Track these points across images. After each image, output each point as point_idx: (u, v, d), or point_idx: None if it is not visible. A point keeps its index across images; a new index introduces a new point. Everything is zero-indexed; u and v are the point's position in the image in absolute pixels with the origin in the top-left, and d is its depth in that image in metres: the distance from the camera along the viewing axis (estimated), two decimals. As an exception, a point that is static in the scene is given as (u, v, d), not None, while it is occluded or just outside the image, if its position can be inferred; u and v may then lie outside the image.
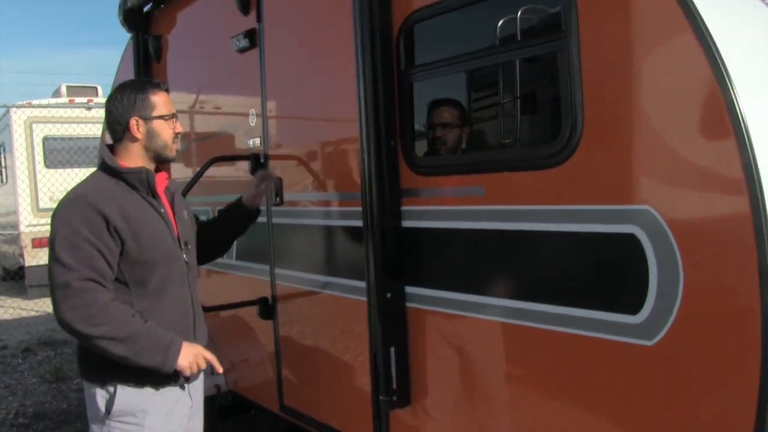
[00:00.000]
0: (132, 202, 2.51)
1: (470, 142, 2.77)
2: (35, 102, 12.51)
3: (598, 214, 2.14)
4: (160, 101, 2.61)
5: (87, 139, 12.43)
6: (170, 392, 2.58)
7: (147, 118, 2.57)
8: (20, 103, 12.34)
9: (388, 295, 2.75)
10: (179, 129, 2.68)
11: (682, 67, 1.92)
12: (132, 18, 4.91)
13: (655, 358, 2.01)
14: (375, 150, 2.72)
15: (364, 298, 2.91)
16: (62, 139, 12.28)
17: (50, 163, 12.39)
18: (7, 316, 11.16)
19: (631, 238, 2.03)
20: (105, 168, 2.58)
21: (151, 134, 2.58)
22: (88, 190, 2.50)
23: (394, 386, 2.78)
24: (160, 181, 2.66)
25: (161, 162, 2.68)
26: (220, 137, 4.25)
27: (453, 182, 2.62)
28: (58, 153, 12.33)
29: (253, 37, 3.67)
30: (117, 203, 2.46)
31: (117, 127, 2.59)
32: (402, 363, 2.79)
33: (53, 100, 12.83)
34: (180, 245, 2.64)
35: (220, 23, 4.18)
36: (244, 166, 3.80)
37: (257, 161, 3.61)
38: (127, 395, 2.49)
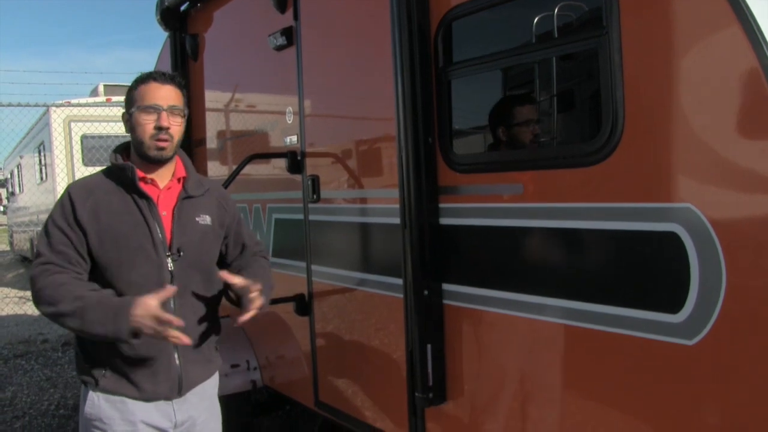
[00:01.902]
0: (113, 199, 2.42)
1: (508, 140, 2.76)
2: (74, 101, 12.74)
3: (639, 212, 2.12)
4: (147, 91, 2.41)
5: (124, 137, 12.58)
6: (142, 405, 2.44)
7: (130, 112, 2.45)
8: (59, 102, 12.56)
9: (426, 292, 2.76)
10: (163, 123, 2.40)
11: (727, 62, 1.89)
12: (169, 17, 4.98)
13: (696, 358, 1.99)
14: (413, 147, 2.73)
15: (401, 295, 2.92)
16: (100, 137, 12.47)
17: (88, 160, 12.59)
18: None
19: (673, 237, 2.01)
20: (109, 164, 2.53)
21: (133, 128, 2.45)
22: (78, 182, 2.50)
23: (430, 383, 2.79)
24: (164, 180, 2.51)
25: (147, 161, 2.46)
26: (257, 135, 4.29)
27: (491, 180, 2.62)
28: (95, 151, 12.52)
29: (290, 35, 3.69)
30: (94, 197, 2.40)
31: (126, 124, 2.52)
32: (438, 360, 2.79)
33: (91, 99, 13.05)
34: (169, 252, 2.43)
35: (256, 21, 4.22)
36: (280, 163, 3.84)
37: (294, 158, 3.64)
38: (100, 400, 2.43)
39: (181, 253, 2.44)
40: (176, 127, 2.46)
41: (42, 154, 13.98)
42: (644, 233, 2.11)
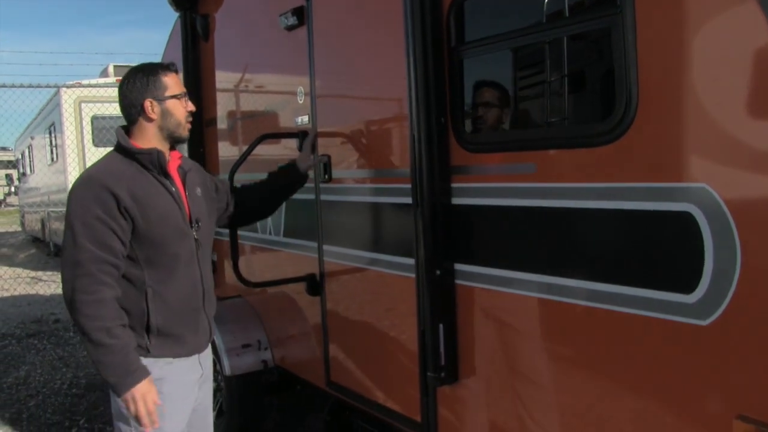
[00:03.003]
0: (142, 181, 2.63)
1: (521, 119, 2.74)
2: (84, 82, 12.74)
3: (653, 192, 2.10)
4: (171, 82, 2.72)
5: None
6: (183, 361, 2.75)
7: (160, 99, 2.69)
8: (70, 83, 12.57)
9: (438, 272, 2.76)
10: (191, 107, 2.80)
11: (743, 40, 1.86)
12: (180, -3, 4.97)
13: (710, 338, 1.98)
14: (425, 127, 2.72)
15: (412, 275, 2.93)
16: (110, 117, 12.50)
17: (98, 141, 12.64)
18: (60, 291, 11.47)
19: (687, 217, 2.00)
20: (119, 149, 2.71)
21: (165, 114, 2.70)
22: (101, 171, 2.64)
23: (443, 363, 2.79)
24: (173, 161, 2.78)
25: (175, 141, 2.80)
26: (268, 115, 4.28)
27: (504, 159, 2.61)
28: (106, 132, 12.57)
29: (301, 14, 3.67)
30: (127, 183, 2.58)
31: (132, 110, 2.70)
32: (450, 340, 2.80)
33: (101, 80, 13.06)
34: (191, 223, 2.75)
35: (267, 1, 4.20)
36: (291, 143, 3.84)
37: (306, 138, 3.64)
38: (149, 363, 2.61)
39: (199, 224, 2.79)
40: None
41: (53, 134, 14.01)
42: (658, 213, 2.09)
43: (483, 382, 2.78)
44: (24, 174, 21.09)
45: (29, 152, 18.95)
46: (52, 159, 14.48)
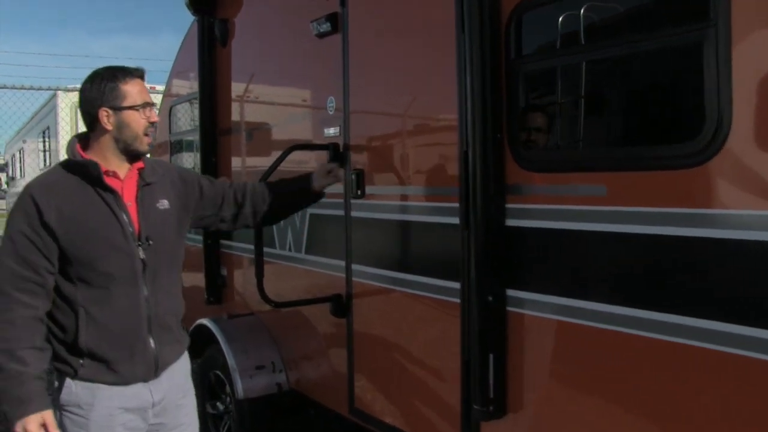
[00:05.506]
0: (78, 195, 2.46)
1: (589, 138, 2.57)
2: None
3: (746, 220, 1.94)
4: (132, 90, 2.50)
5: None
6: (119, 389, 2.52)
7: (117, 109, 2.48)
8: (69, 87, 12.34)
9: (490, 298, 2.57)
10: (154, 118, 2.57)
11: None
12: (198, 0, 4.79)
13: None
14: (481, 143, 2.54)
15: (456, 300, 2.75)
16: (106, 123, 12.23)
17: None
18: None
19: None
20: (66, 159, 2.55)
21: (120, 125, 2.49)
22: (36, 181, 2.52)
23: (491, 395, 2.60)
24: (131, 173, 2.57)
25: (132, 155, 2.56)
26: (290, 126, 4.10)
27: (568, 180, 2.43)
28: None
29: (335, 21, 3.50)
30: (58, 196, 2.43)
31: (87, 117, 2.52)
32: (500, 371, 2.61)
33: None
34: (138, 241, 2.52)
35: (294, 7, 4.03)
36: (315, 155, 3.67)
37: (336, 151, 3.45)
38: (77, 387, 2.48)
39: (150, 242, 2.54)
40: None
41: (46, 139, 13.75)
42: (753, 243, 1.92)
43: (533, 418, 2.59)
44: (13, 178, 20.78)
45: (20, 156, 18.65)
46: (45, 163, 14.21)
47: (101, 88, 2.47)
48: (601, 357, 2.35)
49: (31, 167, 16.20)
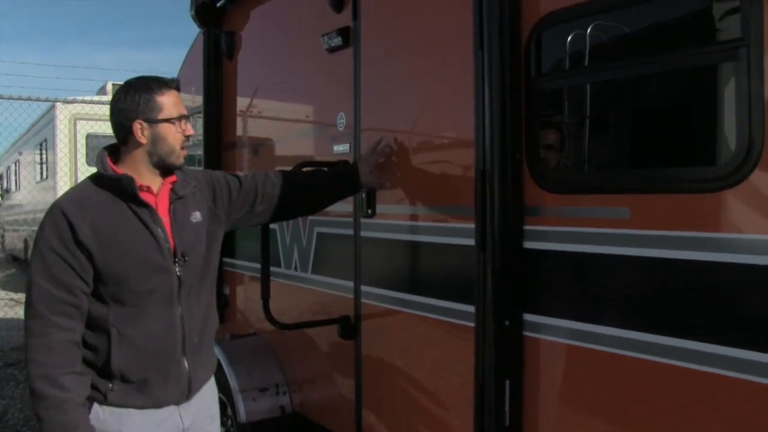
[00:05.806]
0: (111, 211, 2.35)
1: (611, 159, 2.51)
2: (80, 98, 12.45)
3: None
4: (168, 102, 2.41)
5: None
6: (148, 414, 2.42)
7: (152, 121, 2.38)
8: (68, 99, 12.28)
9: (507, 322, 2.50)
10: (190, 131, 2.48)
11: None
12: (205, 13, 4.76)
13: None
14: (499, 163, 2.48)
15: (469, 323, 2.67)
16: (105, 136, 12.14)
17: (91, 160, 12.29)
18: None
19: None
20: (97, 173, 2.43)
21: (156, 139, 2.40)
22: (66, 197, 2.40)
23: (507, 423, 2.52)
24: (164, 187, 2.48)
25: (167, 169, 2.48)
26: (297, 142, 4.04)
27: (589, 202, 2.36)
28: (100, 151, 12.22)
29: (346, 35, 3.45)
30: (91, 213, 2.31)
31: (120, 130, 2.41)
32: (517, 398, 2.53)
33: (98, 98, 12.77)
34: (174, 258, 2.42)
35: (304, 21, 3.98)
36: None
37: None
38: (105, 414, 2.37)
39: (186, 258, 2.45)
40: None
41: (44, 151, 13.67)
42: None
43: (549, 446, 2.51)
44: (7, 191, 20.63)
45: (16, 168, 18.53)
46: (42, 176, 14.11)
47: (136, 100, 2.37)
48: (622, 384, 2.27)
49: (27, 180, 16.09)
